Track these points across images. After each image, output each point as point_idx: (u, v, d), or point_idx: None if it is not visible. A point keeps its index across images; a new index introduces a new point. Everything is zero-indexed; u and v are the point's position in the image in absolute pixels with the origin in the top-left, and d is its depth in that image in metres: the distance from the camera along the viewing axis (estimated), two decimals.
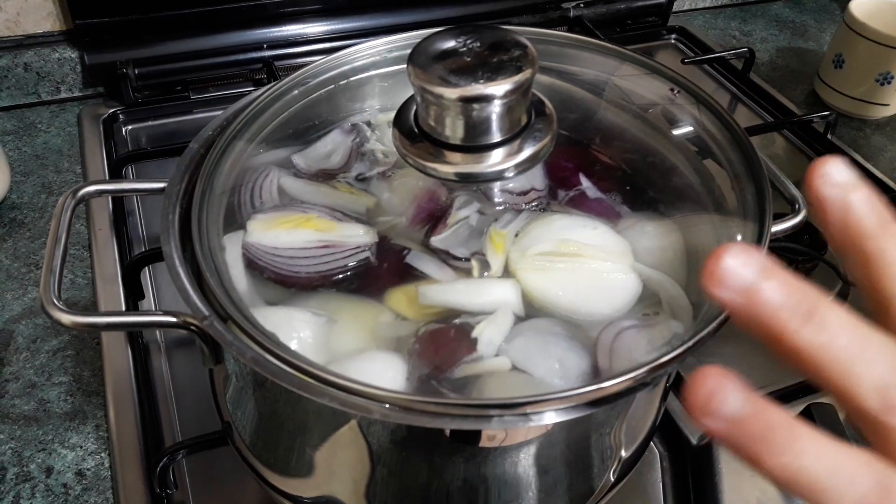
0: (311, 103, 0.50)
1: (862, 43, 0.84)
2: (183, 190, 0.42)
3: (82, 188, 0.42)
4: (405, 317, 0.41)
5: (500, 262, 0.43)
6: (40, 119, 0.83)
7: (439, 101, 0.37)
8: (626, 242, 0.44)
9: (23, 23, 0.82)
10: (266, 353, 0.33)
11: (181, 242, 0.39)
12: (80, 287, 0.65)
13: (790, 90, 0.94)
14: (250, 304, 0.39)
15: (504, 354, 0.38)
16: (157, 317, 0.37)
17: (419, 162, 0.40)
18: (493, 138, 0.39)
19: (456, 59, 0.38)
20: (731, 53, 0.92)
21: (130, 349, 0.58)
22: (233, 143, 0.45)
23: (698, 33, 1.01)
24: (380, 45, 0.50)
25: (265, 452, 0.43)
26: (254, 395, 0.41)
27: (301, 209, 0.44)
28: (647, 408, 0.45)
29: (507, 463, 0.38)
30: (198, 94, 0.84)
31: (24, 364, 0.59)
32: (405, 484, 0.40)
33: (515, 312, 0.41)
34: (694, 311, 0.40)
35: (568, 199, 0.47)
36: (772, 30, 1.06)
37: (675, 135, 0.49)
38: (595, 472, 0.43)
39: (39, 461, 0.53)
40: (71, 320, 0.36)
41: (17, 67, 0.82)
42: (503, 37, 0.39)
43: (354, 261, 0.43)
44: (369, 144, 0.50)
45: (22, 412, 0.55)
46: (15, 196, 0.73)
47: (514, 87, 0.37)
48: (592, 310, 0.41)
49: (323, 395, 0.32)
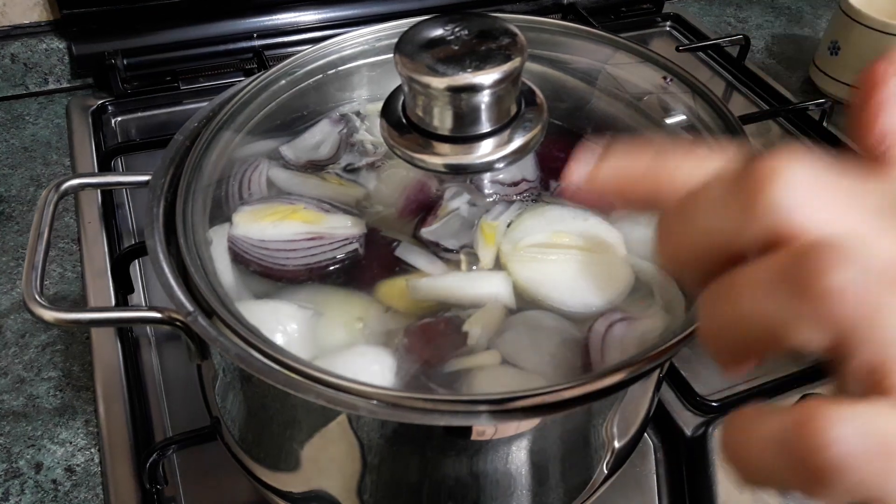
0: (299, 93, 0.49)
1: (858, 29, 0.83)
2: (168, 183, 0.41)
3: (65, 182, 0.41)
4: (395, 309, 0.41)
5: (491, 255, 0.42)
6: (28, 111, 0.82)
7: (427, 91, 0.36)
8: (619, 233, 0.43)
9: (9, 13, 0.81)
10: (251, 350, 0.33)
11: (166, 236, 0.38)
12: (69, 281, 0.64)
13: (786, 77, 0.94)
14: (237, 299, 0.39)
15: (495, 348, 0.38)
16: (141, 312, 0.36)
17: (407, 153, 0.39)
18: (482, 128, 0.38)
19: (444, 47, 0.37)
20: (726, 41, 0.91)
21: (120, 343, 0.58)
22: (219, 135, 0.44)
23: (693, 20, 1.00)
24: (368, 33, 0.49)
25: (254, 448, 0.43)
26: (241, 390, 0.40)
27: (288, 201, 0.43)
28: (640, 399, 0.45)
29: (499, 456, 0.38)
30: (188, 85, 0.83)
31: (13, 359, 0.58)
32: (396, 477, 0.40)
33: (507, 305, 0.40)
34: (686, 301, 0.40)
35: (560, 190, 0.46)
36: (767, 16, 1.05)
37: (669, 124, 0.48)
38: (588, 465, 0.43)
39: (29, 457, 0.52)
40: (54, 317, 0.35)
41: (4, 58, 0.81)
42: (492, 24, 0.38)
43: (342, 253, 0.42)
44: (358, 135, 0.49)
45: (11, 408, 0.55)
46: (3, 189, 0.72)
47: (503, 76, 0.36)
48: (584, 302, 0.40)
49: (309, 392, 0.31)
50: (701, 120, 0.46)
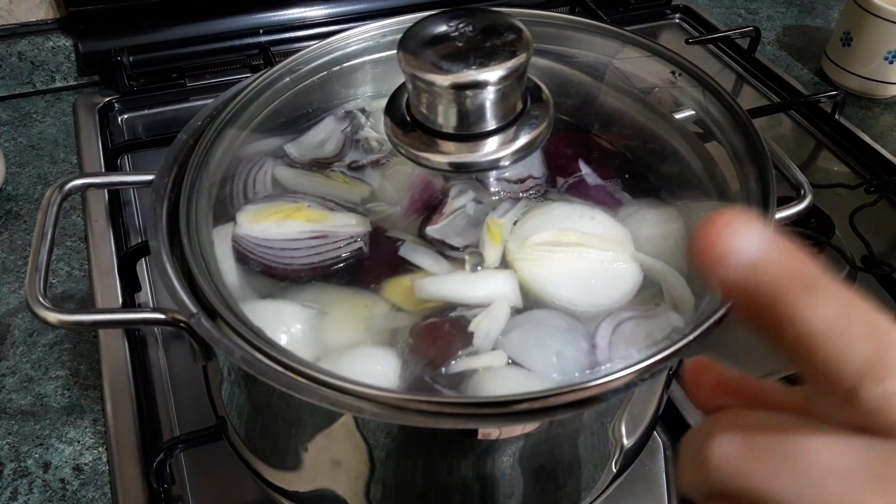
0: (304, 90, 0.49)
1: (870, 20, 0.82)
2: (171, 182, 0.41)
3: (69, 182, 0.41)
4: (401, 308, 0.40)
5: (497, 253, 0.42)
6: (35, 109, 0.82)
7: (431, 89, 0.36)
8: (627, 231, 0.43)
9: (16, 11, 0.81)
10: (255, 351, 0.32)
11: (170, 237, 0.38)
12: (76, 280, 0.64)
13: (797, 69, 0.92)
14: (241, 299, 0.39)
15: (501, 348, 0.37)
16: (144, 314, 0.36)
17: (412, 152, 0.38)
18: (487, 126, 0.38)
19: (448, 44, 0.36)
20: (736, 32, 0.90)
21: (127, 342, 0.58)
22: (223, 133, 0.44)
23: (703, 12, 0.99)
24: (372, 29, 0.49)
25: (259, 448, 0.43)
26: (246, 390, 0.40)
27: (292, 199, 0.43)
28: (649, 397, 0.44)
29: (506, 455, 0.38)
30: (194, 82, 0.83)
31: (21, 358, 0.58)
32: (402, 477, 0.40)
33: (513, 304, 0.40)
34: (696, 301, 0.39)
35: (567, 187, 0.46)
36: (778, 7, 1.04)
37: (677, 119, 0.47)
38: (597, 464, 0.43)
39: (37, 456, 0.52)
40: (57, 318, 0.35)
41: (11, 56, 0.81)
42: (497, 20, 0.38)
43: (347, 251, 0.42)
44: (363, 132, 0.49)
45: (19, 407, 0.55)
46: (10, 188, 0.72)
47: (507, 73, 0.36)
48: (591, 301, 0.40)
49: (313, 395, 0.31)
50: (710, 114, 0.46)
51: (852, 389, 0.19)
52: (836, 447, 0.20)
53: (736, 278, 0.20)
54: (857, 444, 0.20)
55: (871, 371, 0.19)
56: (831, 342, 0.19)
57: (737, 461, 0.21)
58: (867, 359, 0.19)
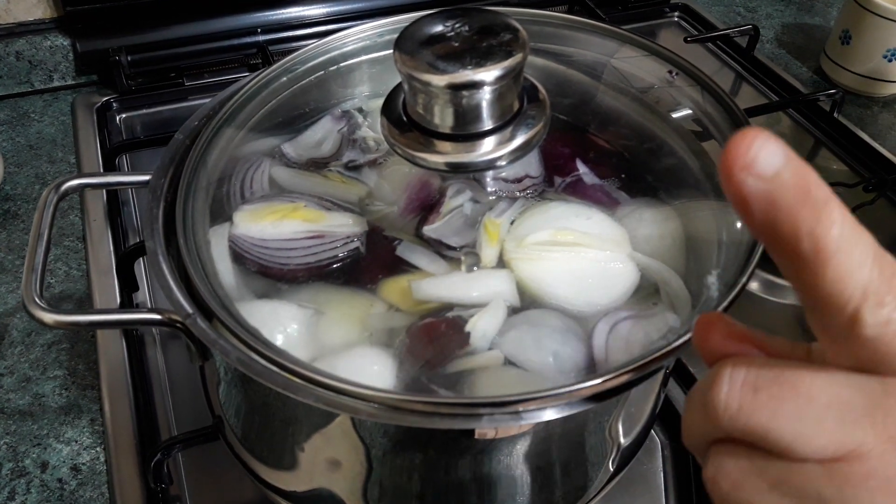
0: (301, 90, 0.49)
1: (870, 18, 0.82)
2: (168, 183, 0.41)
3: (65, 182, 0.41)
4: (397, 308, 0.40)
5: (494, 253, 0.42)
6: (33, 108, 0.82)
7: (427, 89, 0.36)
8: (624, 230, 0.43)
9: (14, 10, 0.81)
10: (251, 352, 0.32)
11: (166, 237, 0.38)
12: (74, 279, 0.64)
13: (796, 68, 0.92)
14: (237, 299, 0.39)
15: (497, 348, 0.38)
16: (141, 314, 0.36)
17: (408, 152, 0.38)
18: (483, 126, 0.38)
19: (444, 44, 0.36)
20: (735, 31, 0.90)
21: (125, 342, 0.58)
22: (220, 133, 0.44)
23: (702, 10, 0.98)
24: (369, 29, 0.49)
25: (256, 448, 0.43)
26: (242, 390, 0.40)
27: (289, 199, 0.43)
28: (646, 396, 0.44)
29: (503, 455, 0.38)
30: (192, 81, 0.83)
31: (19, 358, 0.58)
32: (399, 476, 0.40)
33: (510, 304, 0.40)
34: (693, 300, 0.39)
35: (564, 186, 0.46)
36: (777, 5, 1.04)
37: (675, 118, 0.47)
38: (594, 462, 0.43)
39: (35, 456, 0.52)
40: (53, 319, 0.35)
41: (9, 56, 0.81)
42: (493, 20, 0.38)
43: (344, 251, 0.42)
44: (360, 132, 0.49)
45: (17, 406, 0.55)
46: (8, 187, 0.72)
47: (504, 73, 0.36)
48: (588, 300, 0.40)
49: (309, 395, 0.31)
50: (707, 114, 0.46)
51: (854, 314, 0.20)
52: (834, 384, 0.21)
53: (761, 188, 0.20)
54: (854, 381, 0.21)
55: (874, 294, 0.20)
56: (841, 258, 0.20)
57: (741, 398, 0.22)
58: (870, 281, 0.20)
